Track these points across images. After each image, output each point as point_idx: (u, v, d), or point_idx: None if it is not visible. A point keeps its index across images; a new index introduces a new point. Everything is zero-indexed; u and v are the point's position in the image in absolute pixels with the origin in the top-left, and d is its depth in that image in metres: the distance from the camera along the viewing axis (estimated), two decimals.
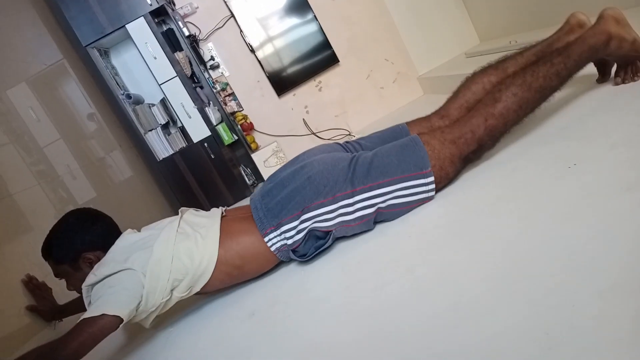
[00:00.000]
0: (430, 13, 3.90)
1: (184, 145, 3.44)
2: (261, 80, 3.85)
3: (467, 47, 3.86)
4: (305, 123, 3.94)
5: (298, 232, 1.30)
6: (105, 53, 3.50)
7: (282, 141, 3.89)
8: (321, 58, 3.86)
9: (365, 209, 1.26)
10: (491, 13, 3.60)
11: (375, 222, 1.31)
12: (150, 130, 3.40)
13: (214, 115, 3.46)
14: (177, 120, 3.47)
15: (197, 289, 1.34)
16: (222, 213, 1.48)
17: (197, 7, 3.69)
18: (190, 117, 3.37)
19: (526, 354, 0.62)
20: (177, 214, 1.50)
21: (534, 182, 1.06)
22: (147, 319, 1.32)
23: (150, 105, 3.46)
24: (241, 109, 3.80)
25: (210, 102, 3.56)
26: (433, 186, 1.25)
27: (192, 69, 3.44)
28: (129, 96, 3.39)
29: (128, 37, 3.32)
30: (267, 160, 3.68)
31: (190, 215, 1.48)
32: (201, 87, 3.56)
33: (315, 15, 3.75)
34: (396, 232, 1.21)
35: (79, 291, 1.39)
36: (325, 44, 3.81)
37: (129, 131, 3.47)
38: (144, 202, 3.30)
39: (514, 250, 0.85)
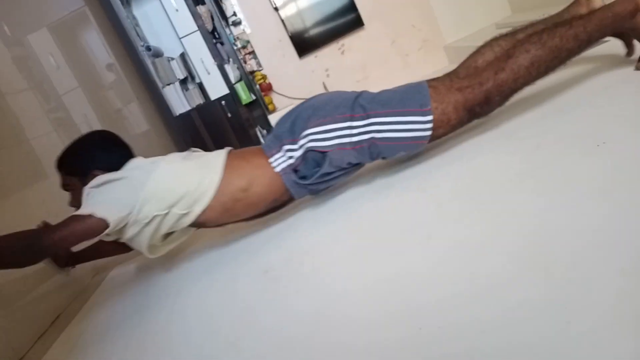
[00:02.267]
0: None
1: (202, 102, 3.41)
2: (283, 40, 3.78)
3: (498, 17, 3.72)
4: (325, 87, 3.87)
5: (298, 150, 1.31)
6: (127, 2, 3.44)
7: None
8: (345, 21, 3.76)
9: (362, 134, 1.27)
10: None
11: (372, 157, 1.32)
12: (168, 85, 3.37)
13: (233, 73, 3.41)
14: (196, 75, 3.43)
15: (199, 209, 1.31)
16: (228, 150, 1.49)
17: None
18: (209, 74, 3.33)
19: (544, 327, 0.60)
20: None
21: (558, 159, 1.01)
22: (140, 237, 1.30)
23: (170, 59, 3.41)
24: (261, 69, 3.74)
25: (230, 59, 3.50)
26: (430, 126, 1.23)
27: (213, 23, 3.37)
28: (148, 48, 3.34)
29: None
30: None
31: (197, 150, 1.51)
32: (222, 43, 3.50)
33: None
34: (415, 199, 1.18)
35: (79, 204, 1.37)
36: (351, 6, 3.70)
37: (147, 84, 3.45)
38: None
39: (534, 225, 0.82)
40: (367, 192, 1.36)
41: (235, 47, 3.52)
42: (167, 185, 1.27)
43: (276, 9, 3.68)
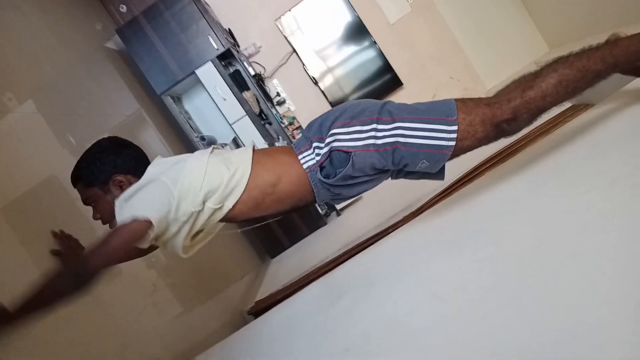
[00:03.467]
0: (493, 25, 3.80)
1: None
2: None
3: (536, 55, 3.70)
4: None
5: (324, 147, 1.32)
6: (178, 99, 3.69)
7: None
8: (383, 82, 3.85)
9: (386, 137, 1.27)
10: (559, 18, 3.45)
11: (394, 163, 1.30)
12: None
13: None
14: None
15: (230, 203, 1.31)
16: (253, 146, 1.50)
17: (261, 47, 3.82)
18: None
19: None
20: (263, 262, 1.52)
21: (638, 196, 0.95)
22: (178, 236, 1.29)
23: (223, 145, 3.57)
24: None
25: (280, 136, 3.63)
26: (454, 136, 1.24)
27: (259, 106, 3.54)
28: (203, 138, 3.53)
29: (198, 82, 3.48)
30: None
31: (218, 147, 1.50)
32: (269, 123, 3.65)
33: (374, 40, 3.76)
34: (489, 255, 1.13)
35: (104, 221, 1.37)
36: (387, 68, 3.80)
37: None
38: (222, 240, 3.38)
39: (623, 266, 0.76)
40: (439, 251, 1.32)
41: (282, 125, 3.65)
42: (200, 180, 1.27)
43: (315, 82, 3.82)
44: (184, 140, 3.57)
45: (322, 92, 3.84)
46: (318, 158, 1.34)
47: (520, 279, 0.95)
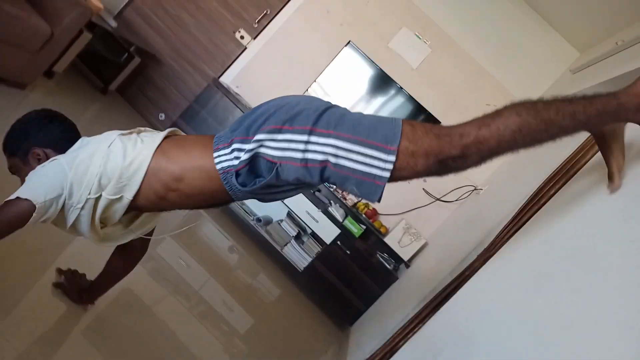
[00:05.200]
0: (516, 43, 3.77)
1: (320, 249, 3.50)
2: None
3: (568, 62, 3.62)
4: (427, 192, 3.84)
5: (246, 153, 1.18)
6: None
7: (409, 217, 3.81)
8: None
9: (316, 153, 1.13)
10: (580, 21, 3.39)
11: (322, 179, 1.17)
12: (286, 245, 3.52)
13: (338, 212, 3.52)
14: (307, 227, 3.57)
15: (129, 195, 1.25)
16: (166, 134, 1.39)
17: None
18: (317, 222, 3.46)
19: None
20: (342, 332, 1.47)
21: None
22: (80, 224, 1.26)
23: (279, 222, 3.61)
24: (360, 199, 3.83)
25: (331, 201, 3.64)
26: (390, 167, 1.10)
27: None
28: (259, 220, 3.59)
29: None
30: (401, 240, 3.59)
31: (145, 130, 1.41)
32: (319, 191, 3.67)
33: (400, 86, 3.79)
34: (585, 284, 1.05)
35: None
36: (419, 109, 3.80)
37: (267, 251, 3.63)
38: (298, 317, 3.33)
39: None
40: (530, 286, 1.24)
41: (331, 189, 3.67)
42: (97, 166, 1.22)
43: None
44: (242, 225, 3.63)
45: None
46: (235, 163, 1.20)
47: (632, 303, 0.87)
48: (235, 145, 1.21)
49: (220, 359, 2.28)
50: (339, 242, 3.45)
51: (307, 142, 1.14)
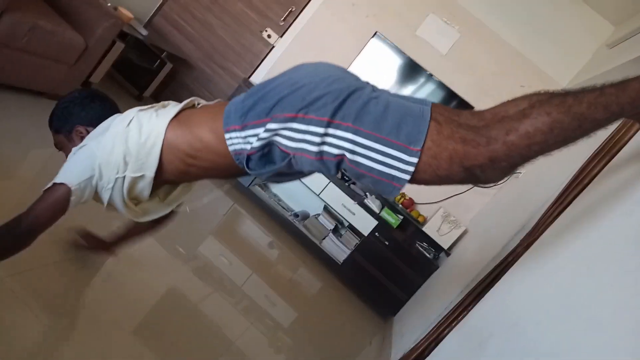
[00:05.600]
0: (547, 22, 3.66)
1: (358, 242, 3.51)
2: None
3: (604, 38, 3.49)
4: None
5: (258, 140, 1.14)
6: (265, 185, 3.85)
7: (447, 205, 3.76)
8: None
9: (332, 147, 1.07)
10: None
11: (338, 170, 1.13)
12: (324, 238, 3.55)
13: (374, 204, 3.52)
14: (344, 220, 3.58)
15: (149, 172, 1.26)
16: (197, 104, 1.40)
17: None
18: (354, 214, 3.46)
19: None
20: (385, 322, 1.47)
21: None
22: (116, 203, 1.30)
23: (317, 216, 3.64)
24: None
25: (367, 193, 3.63)
26: (411, 169, 1.03)
27: None
28: (296, 215, 3.62)
29: None
30: (440, 229, 3.56)
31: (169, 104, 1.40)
32: (354, 183, 3.68)
33: (429, 73, 3.75)
34: None
35: None
36: (451, 95, 3.74)
37: (306, 245, 3.66)
38: (340, 309, 3.36)
39: None
40: (577, 269, 1.22)
41: None
42: (118, 147, 1.24)
43: None
44: (281, 221, 3.68)
45: None
46: (247, 147, 1.16)
47: None
48: (248, 132, 1.16)
49: (266, 352, 2.33)
50: (377, 234, 3.45)
51: (324, 135, 1.08)
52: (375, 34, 3.80)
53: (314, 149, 1.08)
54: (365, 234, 3.47)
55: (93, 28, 2.74)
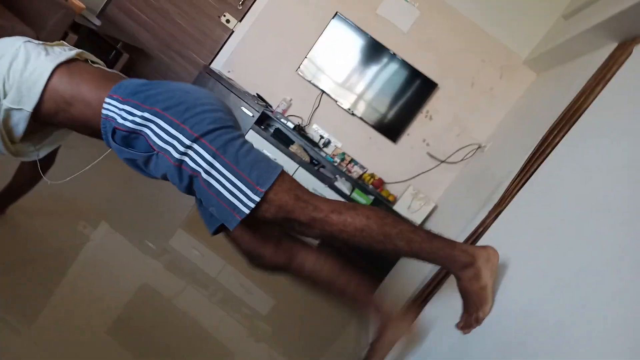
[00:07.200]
0: None
1: None
2: (372, 135, 3.88)
3: (560, 9, 3.55)
4: (431, 155, 3.83)
5: (131, 122, 1.20)
6: None
7: (416, 182, 3.81)
8: (416, 89, 3.80)
9: (192, 161, 1.16)
10: None
11: (188, 187, 1.21)
12: None
13: (344, 185, 3.52)
14: None
15: (28, 107, 1.27)
16: (91, 61, 1.41)
17: (291, 99, 3.90)
18: (325, 197, 3.46)
19: None
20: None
21: None
22: None
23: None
24: (366, 169, 3.83)
25: (337, 175, 3.64)
26: (252, 205, 1.16)
27: (308, 154, 3.58)
28: None
29: None
30: (410, 206, 3.60)
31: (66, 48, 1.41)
32: (323, 167, 3.67)
33: (392, 52, 3.75)
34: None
35: None
36: (415, 74, 3.76)
37: None
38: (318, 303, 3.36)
39: None
40: (534, 238, 1.24)
41: (335, 164, 3.67)
42: (2, 72, 1.24)
43: (352, 113, 3.84)
44: None
45: (361, 119, 3.84)
46: (118, 120, 1.21)
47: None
48: (126, 107, 1.21)
49: (245, 342, 2.32)
50: None
51: (188, 147, 1.16)
52: (335, 14, 3.77)
53: (177, 155, 1.16)
54: None
55: (44, 20, 2.63)
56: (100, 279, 1.91)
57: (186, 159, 1.17)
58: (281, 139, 3.55)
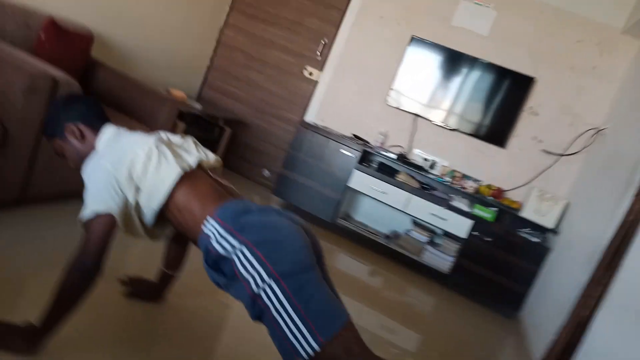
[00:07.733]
0: None
1: (459, 246, 3.39)
2: (478, 146, 3.75)
3: None
4: (547, 151, 3.60)
5: (222, 248, 1.29)
6: (348, 216, 3.85)
7: (538, 183, 3.58)
8: (508, 88, 3.64)
9: (267, 296, 1.23)
10: None
11: (258, 316, 1.28)
12: (422, 252, 3.46)
13: (462, 203, 3.40)
14: (436, 229, 3.50)
15: (154, 205, 1.39)
16: (209, 173, 1.54)
17: (387, 131, 3.91)
18: (445, 220, 3.37)
19: None
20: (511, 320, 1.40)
21: None
22: (135, 222, 1.41)
23: (408, 232, 3.57)
24: (480, 182, 3.68)
25: (451, 195, 3.53)
26: (312, 353, 1.20)
27: (417, 180, 3.53)
28: (387, 237, 3.57)
29: (355, 192, 3.64)
30: (539, 209, 3.37)
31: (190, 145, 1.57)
32: (435, 189, 3.59)
33: (474, 57, 3.66)
34: None
35: (78, 165, 1.51)
36: (506, 72, 3.61)
37: (407, 264, 3.59)
38: (463, 319, 3.22)
39: None
40: None
41: (447, 183, 3.57)
42: (136, 173, 1.37)
43: (451, 128, 3.75)
44: (372, 246, 3.64)
45: (463, 132, 3.74)
46: (214, 243, 1.31)
47: None
48: (222, 231, 1.31)
49: None
50: (475, 232, 3.32)
51: (267, 283, 1.23)
52: (412, 38, 3.78)
53: (255, 288, 1.24)
54: (464, 236, 3.35)
55: (155, 115, 2.90)
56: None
57: (262, 293, 1.24)
58: (386, 172, 3.54)
